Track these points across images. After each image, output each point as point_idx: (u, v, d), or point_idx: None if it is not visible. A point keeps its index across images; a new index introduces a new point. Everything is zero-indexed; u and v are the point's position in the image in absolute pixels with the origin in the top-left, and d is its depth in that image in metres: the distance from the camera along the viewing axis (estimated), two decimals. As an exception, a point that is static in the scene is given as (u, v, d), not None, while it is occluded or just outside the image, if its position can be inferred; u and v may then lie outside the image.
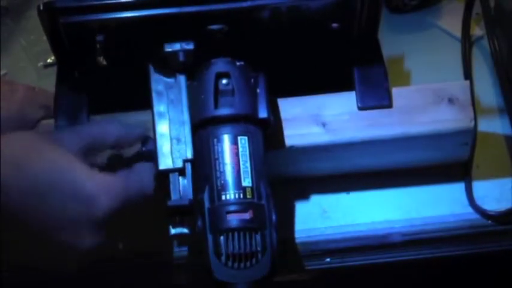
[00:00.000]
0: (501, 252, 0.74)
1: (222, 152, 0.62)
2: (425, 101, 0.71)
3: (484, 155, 0.75)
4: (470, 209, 0.73)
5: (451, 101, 0.70)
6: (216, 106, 0.64)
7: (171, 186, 0.63)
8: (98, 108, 0.71)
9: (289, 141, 0.69)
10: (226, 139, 0.63)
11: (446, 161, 0.74)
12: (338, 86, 0.71)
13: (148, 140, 0.66)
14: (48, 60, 0.84)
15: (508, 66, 0.77)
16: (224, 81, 0.65)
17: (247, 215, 0.60)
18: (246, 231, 0.60)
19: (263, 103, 0.65)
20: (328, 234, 0.72)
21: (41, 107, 0.72)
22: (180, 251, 0.70)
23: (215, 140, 0.63)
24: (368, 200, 0.74)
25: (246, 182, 0.61)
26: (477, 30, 0.83)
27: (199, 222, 0.61)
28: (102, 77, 0.70)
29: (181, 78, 0.67)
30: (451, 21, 0.85)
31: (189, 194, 0.63)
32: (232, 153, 0.62)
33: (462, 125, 0.70)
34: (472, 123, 0.70)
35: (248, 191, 0.61)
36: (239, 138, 0.63)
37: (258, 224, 0.60)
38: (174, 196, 0.63)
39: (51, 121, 0.71)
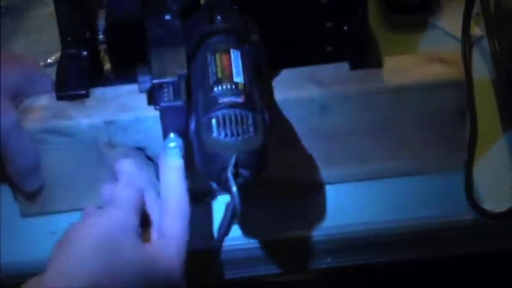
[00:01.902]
0: (501, 252, 0.74)
1: (215, 58, 0.63)
2: (417, 63, 0.73)
3: (484, 155, 0.75)
4: (470, 209, 0.73)
5: (442, 61, 0.72)
6: (211, 23, 0.66)
7: (165, 92, 0.63)
8: (99, 81, 0.73)
9: (284, 95, 0.70)
10: (219, 49, 0.64)
11: (443, 147, 0.74)
12: (330, 58, 0.73)
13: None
14: (48, 60, 0.84)
15: (508, 66, 0.77)
16: (218, 17, 0.67)
17: (239, 99, 0.60)
18: (238, 110, 0.59)
19: (255, 31, 0.67)
20: (328, 234, 0.72)
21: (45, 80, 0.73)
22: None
23: (209, 50, 0.64)
24: (367, 200, 0.74)
25: (238, 79, 0.62)
26: (477, 30, 0.83)
27: (193, 125, 0.61)
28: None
29: (177, 22, 0.69)
30: (451, 21, 0.85)
31: (183, 98, 0.63)
32: (225, 59, 0.63)
33: (453, 76, 0.72)
34: (463, 76, 0.72)
35: (240, 85, 0.61)
36: (232, 50, 0.64)
37: (250, 107, 0.60)
38: (167, 98, 0.63)
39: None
